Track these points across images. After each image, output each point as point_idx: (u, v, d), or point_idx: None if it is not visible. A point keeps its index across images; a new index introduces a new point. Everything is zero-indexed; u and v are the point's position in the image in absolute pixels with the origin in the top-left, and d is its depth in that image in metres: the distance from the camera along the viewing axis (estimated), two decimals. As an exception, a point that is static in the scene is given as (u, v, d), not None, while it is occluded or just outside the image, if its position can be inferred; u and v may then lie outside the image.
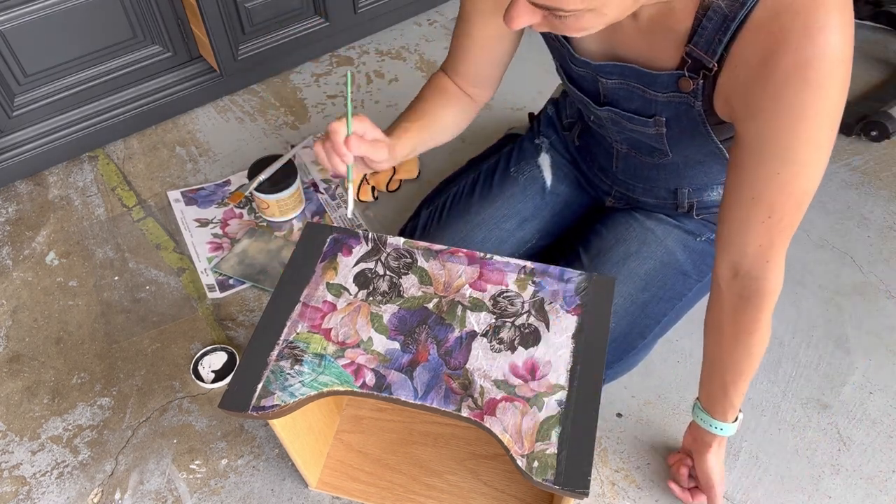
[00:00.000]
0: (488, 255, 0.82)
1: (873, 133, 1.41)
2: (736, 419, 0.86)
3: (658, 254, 0.99)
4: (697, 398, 0.88)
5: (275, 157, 1.29)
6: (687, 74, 0.72)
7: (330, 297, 0.79)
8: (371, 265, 0.82)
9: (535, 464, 0.66)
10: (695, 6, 0.67)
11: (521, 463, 0.66)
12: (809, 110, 0.62)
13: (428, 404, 0.70)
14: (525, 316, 0.77)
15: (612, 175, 1.02)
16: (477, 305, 0.78)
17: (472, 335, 0.75)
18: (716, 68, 0.68)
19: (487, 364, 0.73)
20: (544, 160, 1.10)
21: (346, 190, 0.86)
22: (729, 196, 0.72)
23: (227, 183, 1.40)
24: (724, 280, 0.76)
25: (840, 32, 0.59)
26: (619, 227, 1.02)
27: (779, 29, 0.60)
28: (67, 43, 1.30)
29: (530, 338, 0.75)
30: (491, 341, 0.75)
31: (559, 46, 0.84)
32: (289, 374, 0.73)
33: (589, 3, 0.57)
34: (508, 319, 0.76)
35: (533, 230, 1.07)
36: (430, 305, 0.78)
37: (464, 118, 0.96)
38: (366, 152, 0.77)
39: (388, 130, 0.85)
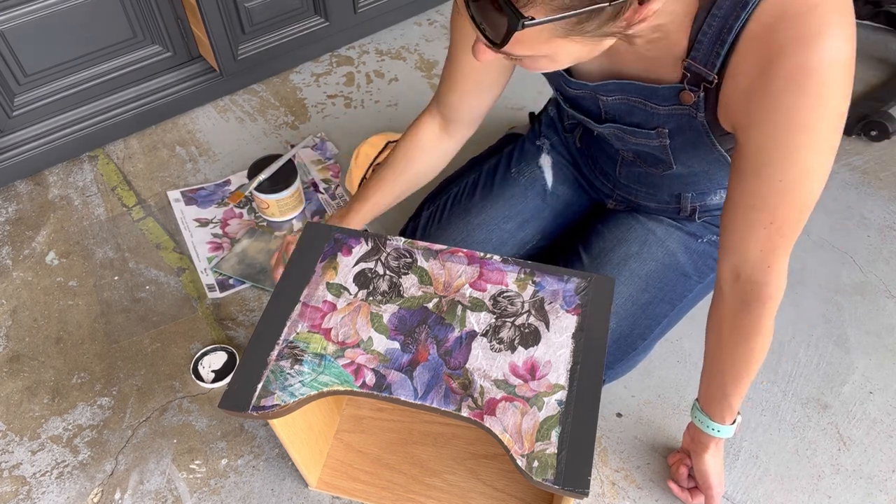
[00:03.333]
0: (488, 255, 0.82)
1: (873, 133, 1.41)
2: (734, 422, 0.86)
3: (659, 255, 0.99)
4: (696, 399, 0.88)
5: (275, 157, 1.29)
6: (687, 88, 0.71)
7: (330, 297, 0.79)
8: (371, 265, 0.82)
9: (535, 464, 0.66)
10: (689, 24, 0.67)
11: (521, 463, 0.66)
12: (809, 117, 0.62)
13: (428, 404, 0.70)
14: (525, 316, 0.77)
15: (615, 179, 1.02)
16: (477, 305, 0.78)
17: (472, 335, 0.75)
18: (716, 80, 0.68)
19: (487, 364, 0.73)
20: (545, 161, 1.10)
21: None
22: (731, 202, 0.71)
23: (227, 183, 1.40)
24: (727, 283, 0.75)
25: (838, 38, 0.59)
26: (620, 227, 1.02)
27: (774, 38, 0.60)
28: (67, 43, 1.30)
29: (530, 338, 0.75)
30: (491, 341, 0.75)
31: (554, 74, 0.84)
32: (289, 373, 0.73)
33: (537, 51, 0.58)
34: (508, 319, 0.76)
35: (533, 231, 1.07)
36: (430, 305, 0.78)
37: (441, 164, 1.01)
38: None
39: (358, 198, 0.99)
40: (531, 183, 1.09)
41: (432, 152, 0.99)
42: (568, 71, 0.82)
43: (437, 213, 1.11)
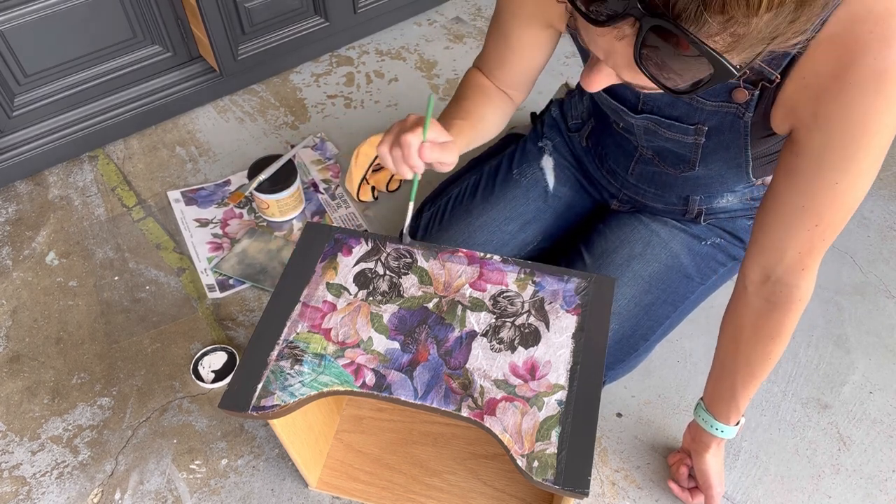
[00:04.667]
0: (488, 255, 0.82)
1: (873, 133, 1.41)
2: (738, 423, 0.86)
3: (662, 256, 0.99)
4: (701, 398, 0.88)
5: (275, 157, 1.29)
6: (742, 85, 0.70)
7: (330, 297, 0.79)
8: (371, 265, 0.82)
9: (535, 464, 0.66)
10: None
11: (521, 463, 0.66)
12: (878, 120, 0.61)
13: (428, 404, 0.70)
14: (525, 316, 0.77)
15: (623, 179, 1.02)
16: (477, 305, 0.78)
17: (472, 335, 0.75)
18: (778, 80, 0.67)
19: (487, 364, 0.73)
20: (547, 163, 1.10)
21: (410, 200, 0.81)
22: (775, 201, 0.70)
23: (227, 183, 1.40)
24: (753, 284, 0.75)
25: None
26: (623, 228, 1.02)
27: (854, 40, 0.60)
28: (67, 43, 1.30)
29: (530, 338, 0.75)
30: (491, 341, 0.75)
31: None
32: (289, 373, 0.73)
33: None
34: (508, 319, 0.76)
35: (535, 233, 1.07)
36: (430, 305, 0.78)
37: (504, 117, 0.94)
38: (438, 158, 0.74)
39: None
40: (533, 184, 1.08)
41: (499, 102, 0.92)
42: None
43: (438, 214, 1.11)
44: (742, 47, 0.47)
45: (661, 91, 0.53)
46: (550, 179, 1.09)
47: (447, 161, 0.76)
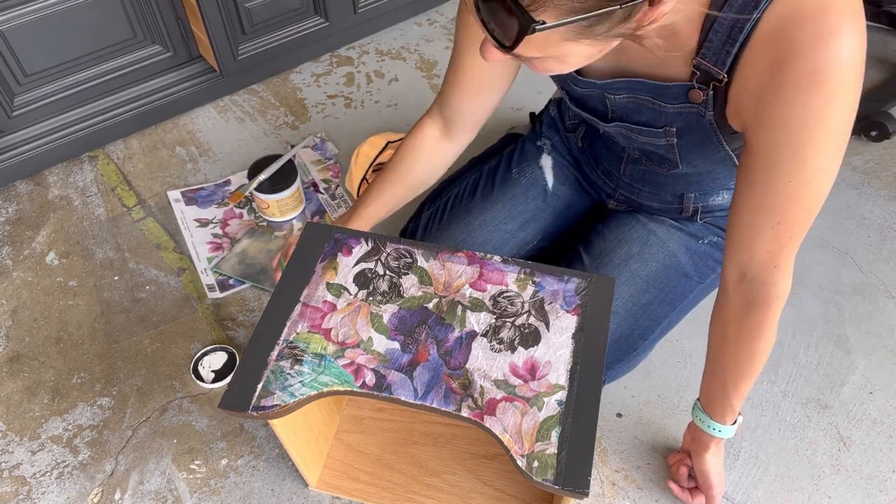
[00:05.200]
0: (488, 255, 0.82)
1: (873, 133, 1.41)
2: (735, 422, 0.86)
3: (660, 256, 0.99)
4: (698, 398, 0.88)
5: (275, 157, 1.29)
6: (696, 86, 0.71)
7: (330, 297, 0.79)
8: (371, 265, 0.82)
9: (535, 464, 0.66)
10: (699, 22, 0.66)
11: (521, 463, 0.66)
12: (821, 117, 0.62)
13: (428, 404, 0.70)
14: (525, 316, 0.77)
15: (618, 179, 1.02)
16: (477, 305, 0.78)
17: (472, 335, 0.75)
18: (725, 79, 0.68)
19: (487, 364, 0.73)
20: (546, 162, 1.10)
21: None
22: (738, 201, 0.71)
23: (227, 183, 1.40)
24: (732, 283, 0.75)
25: (851, 38, 0.59)
26: (621, 227, 1.02)
27: (788, 37, 0.60)
28: (67, 43, 1.30)
29: (530, 338, 0.75)
30: (491, 341, 0.75)
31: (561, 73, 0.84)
32: (289, 374, 0.73)
33: (547, 53, 0.58)
34: (508, 319, 0.76)
35: (534, 232, 1.07)
36: (430, 305, 0.78)
37: (443, 168, 1.00)
38: None
39: (361, 202, 0.98)
40: (532, 183, 1.09)
41: (433, 156, 0.98)
42: (577, 70, 0.81)
43: (437, 213, 1.11)
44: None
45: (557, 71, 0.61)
46: (549, 178, 1.09)
47: None
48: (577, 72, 0.82)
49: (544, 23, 0.51)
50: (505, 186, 1.09)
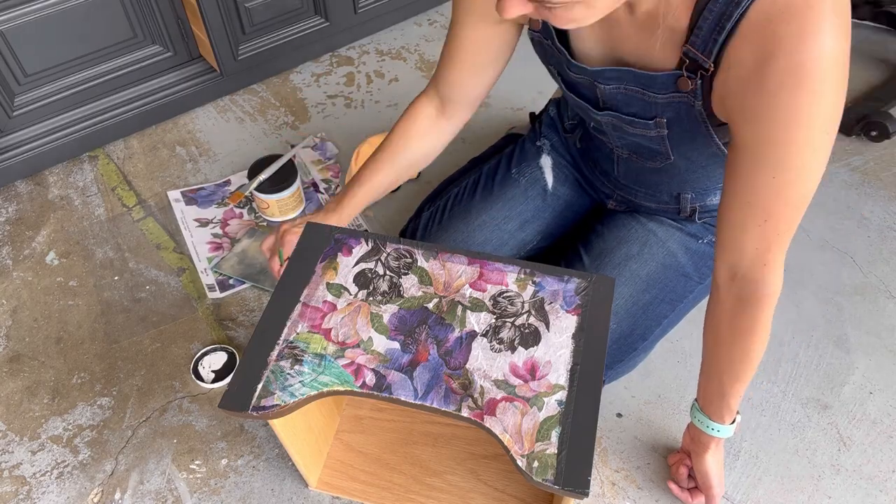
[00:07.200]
0: (488, 256, 0.82)
1: (873, 133, 1.41)
2: (733, 421, 0.86)
3: (659, 256, 0.99)
4: (696, 399, 0.88)
5: (275, 157, 1.29)
6: (685, 74, 0.71)
7: (330, 297, 0.79)
8: (371, 265, 0.82)
9: (535, 464, 0.66)
10: (691, 6, 0.66)
11: (521, 463, 0.66)
12: (805, 114, 0.61)
13: (428, 404, 0.70)
14: (525, 316, 0.77)
15: (614, 180, 1.02)
16: (477, 305, 0.78)
17: (472, 335, 0.75)
18: (712, 69, 0.68)
19: (487, 364, 0.73)
20: (546, 162, 1.10)
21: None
22: (726, 199, 0.71)
23: (227, 183, 1.40)
24: (723, 281, 0.75)
25: (834, 36, 0.58)
26: (621, 228, 1.02)
27: (773, 32, 0.60)
28: (67, 43, 1.30)
29: (530, 338, 0.75)
30: (491, 341, 0.75)
31: (556, 53, 0.83)
32: (289, 374, 0.73)
33: None
34: (508, 319, 0.76)
35: (534, 232, 1.07)
36: (430, 305, 0.78)
37: (438, 148, 0.98)
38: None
39: (356, 181, 0.96)
40: (531, 183, 1.09)
41: (430, 134, 0.96)
42: (569, 50, 0.81)
43: (437, 213, 1.11)
44: None
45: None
46: (549, 178, 1.09)
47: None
48: (570, 54, 0.82)
49: None
50: (505, 186, 1.08)
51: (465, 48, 0.88)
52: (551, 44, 0.82)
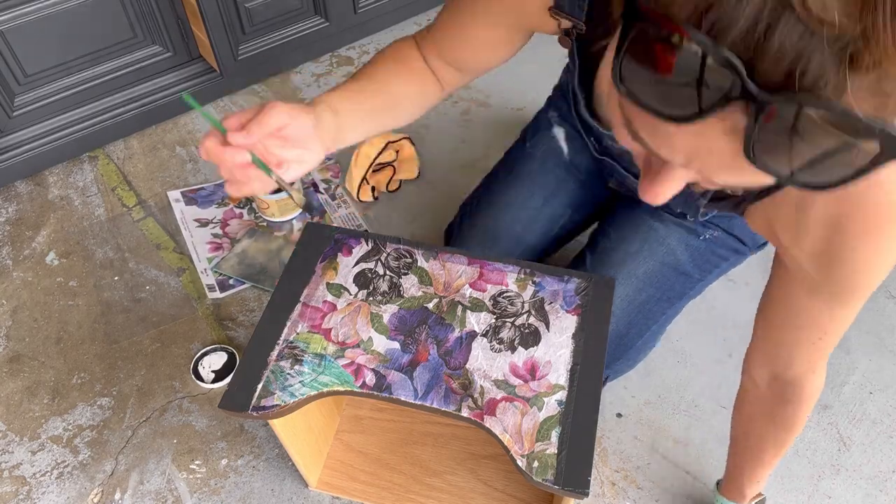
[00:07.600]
0: (488, 256, 0.82)
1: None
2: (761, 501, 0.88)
3: (659, 254, 0.99)
4: (717, 485, 0.90)
5: (275, 157, 1.29)
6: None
7: (330, 297, 0.79)
8: (371, 265, 0.82)
9: (535, 464, 0.66)
10: None
11: (521, 463, 0.66)
12: (875, 262, 0.57)
13: (428, 404, 0.70)
14: (525, 316, 0.77)
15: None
16: (477, 305, 0.78)
17: (472, 335, 0.75)
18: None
19: (487, 364, 0.73)
20: (558, 132, 1.06)
21: (285, 185, 0.68)
22: (774, 317, 0.68)
23: (227, 183, 1.40)
24: (762, 381, 0.74)
25: None
26: (623, 227, 1.02)
27: (846, 193, 0.53)
28: (67, 43, 1.30)
29: (530, 338, 0.75)
30: (491, 341, 0.75)
31: (592, 126, 0.83)
32: (289, 374, 0.73)
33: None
34: (508, 319, 0.76)
35: (561, 205, 1.04)
36: (430, 305, 0.78)
37: (423, 101, 0.79)
38: (268, 134, 0.61)
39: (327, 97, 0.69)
40: (548, 154, 1.05)
41: (421, 79, 0.78)
42: (597, 118, 0.81)
43: (470, 204, 1.11)
44: (892, 108, 0.31)
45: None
46: (564, 146, 1.06)
47: (297, 134, 0.63)
48: (598, 119, 0.81)
49: None
50: (522, 162, 1.06)
51: (473, 45, 0.77)
52: (585, 121, 0.83)
